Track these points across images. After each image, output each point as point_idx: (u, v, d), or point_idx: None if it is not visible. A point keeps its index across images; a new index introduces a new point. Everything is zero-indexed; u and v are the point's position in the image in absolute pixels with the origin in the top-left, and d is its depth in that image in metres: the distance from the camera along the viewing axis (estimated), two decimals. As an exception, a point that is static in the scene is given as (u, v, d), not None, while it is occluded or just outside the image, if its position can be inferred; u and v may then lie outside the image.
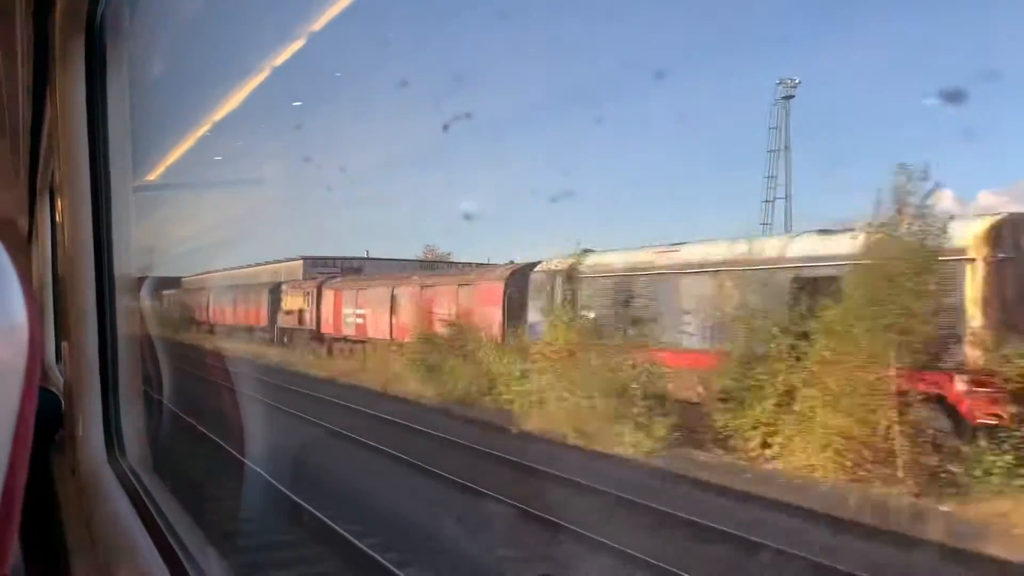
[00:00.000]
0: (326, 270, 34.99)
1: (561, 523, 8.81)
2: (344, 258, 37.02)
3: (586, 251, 16.56)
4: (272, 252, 36.85)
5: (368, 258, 36.57)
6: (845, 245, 11.93)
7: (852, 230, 11.92)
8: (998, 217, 11.35)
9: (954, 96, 10.35)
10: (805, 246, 13.02)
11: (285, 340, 30.24)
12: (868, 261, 11.25)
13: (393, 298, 23.69)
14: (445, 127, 19.83)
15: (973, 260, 10.96)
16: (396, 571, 7.27)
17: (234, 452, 10.51)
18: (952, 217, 11.11)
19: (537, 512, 9.14)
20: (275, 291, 32.15)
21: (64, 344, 3.14)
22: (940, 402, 10.64)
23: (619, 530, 8.57)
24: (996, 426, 10.09)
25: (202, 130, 5.60)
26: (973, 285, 10.94)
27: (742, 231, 14.77)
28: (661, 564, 7.62)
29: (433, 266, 30.98)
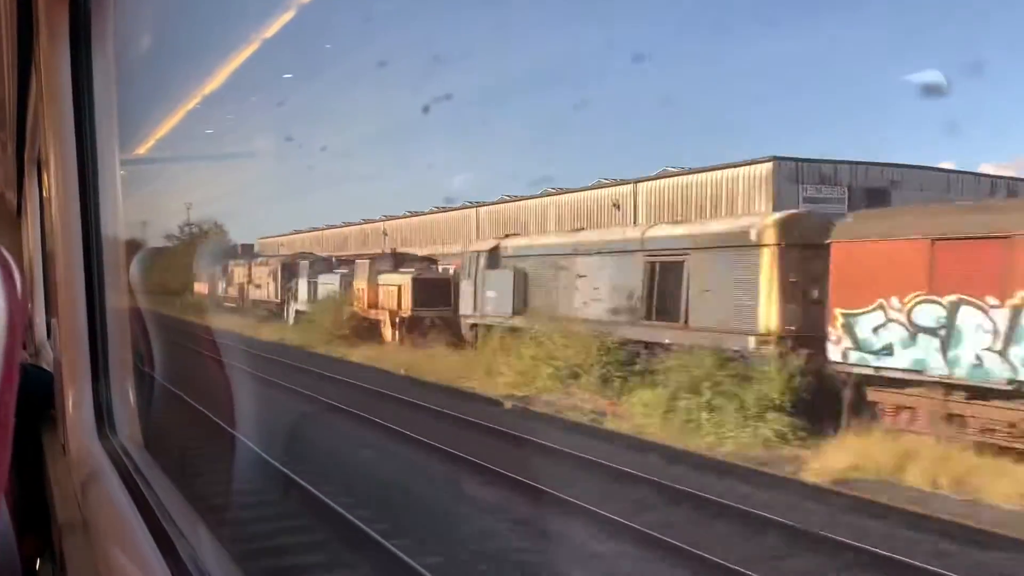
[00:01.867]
0: (826, 196, 19.75)
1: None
2: (861, 164, 21.37)
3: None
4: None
5: (900, 165, 21.44)
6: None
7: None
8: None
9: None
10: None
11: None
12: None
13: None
14: (425, 108, 19.71)
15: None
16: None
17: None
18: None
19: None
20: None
21: (53, 321, 3.11)
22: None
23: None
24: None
25: (192, 103, 5.51)
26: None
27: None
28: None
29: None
